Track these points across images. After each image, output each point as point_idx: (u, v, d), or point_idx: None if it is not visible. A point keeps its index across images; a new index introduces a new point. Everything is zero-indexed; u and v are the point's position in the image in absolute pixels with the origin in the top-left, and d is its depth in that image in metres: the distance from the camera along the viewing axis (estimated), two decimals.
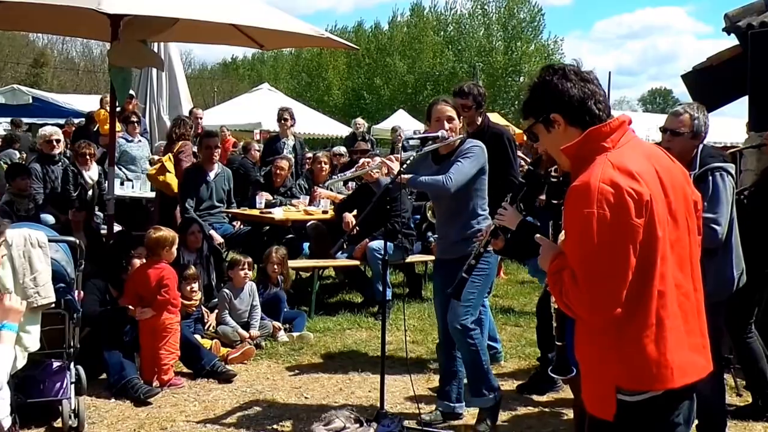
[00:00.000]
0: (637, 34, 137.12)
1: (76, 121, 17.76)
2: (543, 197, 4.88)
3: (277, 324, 7.66)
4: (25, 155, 14.44)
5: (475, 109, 6.49)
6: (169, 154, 10.09)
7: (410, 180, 5.34)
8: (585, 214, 2.61)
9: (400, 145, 5.60)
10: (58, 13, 7.88)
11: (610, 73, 27.57)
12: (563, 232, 3.12)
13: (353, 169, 5.99)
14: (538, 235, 3.14)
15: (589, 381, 2.85)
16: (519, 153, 8.31)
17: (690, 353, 2.75)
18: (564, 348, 3.28)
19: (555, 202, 3.24)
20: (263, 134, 20.33)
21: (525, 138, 8.32)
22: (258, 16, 7.38)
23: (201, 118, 13.16)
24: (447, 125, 5.38)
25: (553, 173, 3.31)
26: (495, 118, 10.06)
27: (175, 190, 9.72)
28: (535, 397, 6.15)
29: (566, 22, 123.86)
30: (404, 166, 5.28)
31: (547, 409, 5.94)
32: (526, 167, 6.58)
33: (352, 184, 10.76)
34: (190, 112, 13.37)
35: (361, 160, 5.72)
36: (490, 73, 54.75)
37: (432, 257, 9.47)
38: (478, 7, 59.93)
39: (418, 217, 9.98)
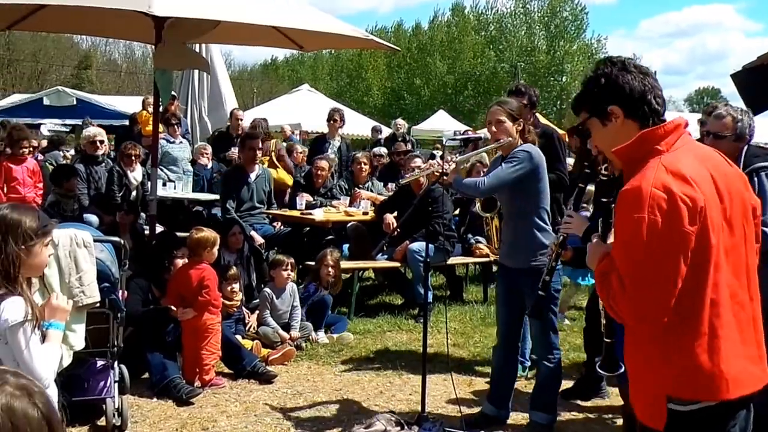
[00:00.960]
0: (684, 33, 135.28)
1: (95, 121, 17.67)
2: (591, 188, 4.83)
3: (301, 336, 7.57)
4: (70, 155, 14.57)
5: (529, 108, 6.47)
6: (264, 157, 11.09)
7: (454, 182, 5.31)
8: (635, 219, 2.55)
9: (444, 143, 5.61)
10: (103, 16, 7.95)
11: (655, 72, 27.34)
12: (613, 231, 3.06)
13: (420, 169, 5.97)
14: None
15: (638, 389, 2.79)
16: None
17: (746, 364, 2.67)
18: (612, 345, 3.22)
19: (604, 200, 3.17)
20: (302, 135, 20.35)
21: (567, 139, 8.25)
22: (299, 17, 7.38)
23: (241, 119, 13.19)
24: (494, 128, 5.31)
25: (603, 171, 3.24)
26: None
27: (289, 183, 11.17)
28: (580, 403, 6.07)
29: (610, 21, 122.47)
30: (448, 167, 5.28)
31: (592, 415, 5.86)
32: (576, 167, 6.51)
33: (391, 185, 10.75)
34: (231, 113, 13.42)
35: (429, 162, 5.72)
36: (532, 73, 54.26)
37: (473, 259, 9.47)
38: (520, 6, 59.47)
39: (458, 218, 9.92)
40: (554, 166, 6.44)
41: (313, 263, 8.46)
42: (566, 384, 6.30)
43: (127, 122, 16.05)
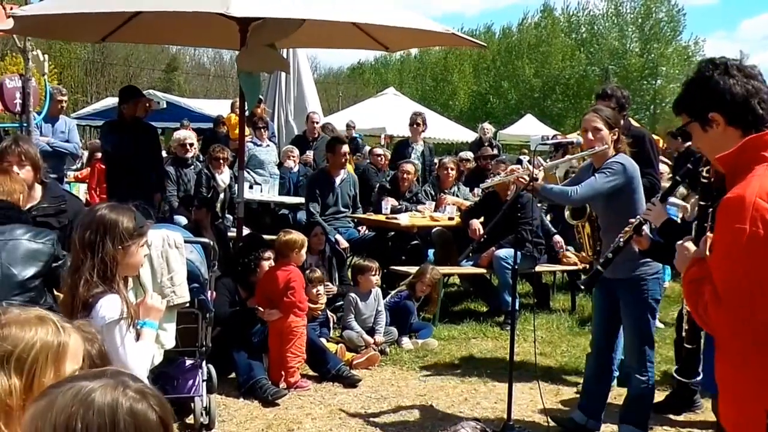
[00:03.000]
0: None
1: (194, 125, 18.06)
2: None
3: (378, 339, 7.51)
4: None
5: (618, 111, 6.29)
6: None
7: (541, 188, 5.21)
8: (736, 230, 2.43)
9: (534, 148, 5.53)
10: (189, 24, 8.11)
11: None
12: (708, 235, 2.95)
13: (502, 174, 5.89)
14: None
15: (733, 406, 2.66)
16: (661, 158, 8.11)
17: None
18: (693, 351, 3.12)
19: (703, 203, 3.06)
20: (386, 138, 20.42)
21: (662, 145, 8.05)
22: (382, 14, 7.29)
23: (317, 123, 13.31)
24: (590, 136, 5.18)
25: (704, 173, 3.13)
26: None
27: None
28: (672, 417, 5.89)
29: (709, 22, 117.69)
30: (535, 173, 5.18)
31: (684, 430, 5.68)
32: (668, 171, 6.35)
33: (477, 190, 10.66)
34: (307, 116, 13.55)
35: (512, 167, 5.63)
36: (624, 76, 52.71)
37: (561, 267, 9.31)
38: (612, 7, 58.23)
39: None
40: (645, 170, 6.25)
41: (399, 268, 8.47)
42: (658, 397, 6.15)
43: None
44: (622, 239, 4.27)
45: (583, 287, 4.49)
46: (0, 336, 2.01)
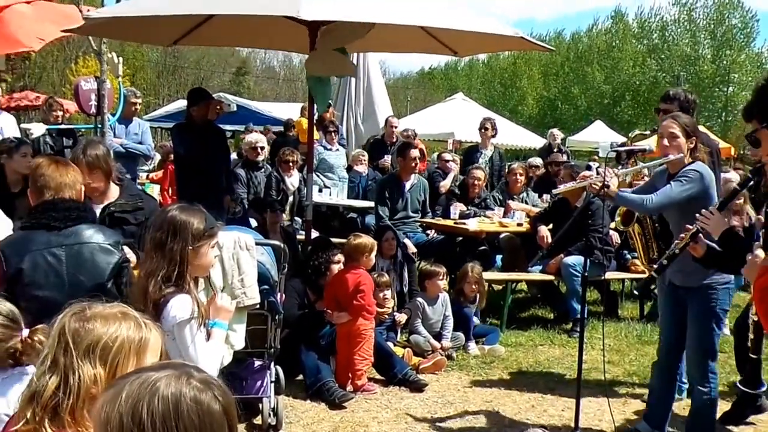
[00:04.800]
0: None
1: (274, 128, 18.41)
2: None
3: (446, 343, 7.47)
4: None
5: None
6: None
7: (616, 195, 5.13)
8: None
9: (606, 155, 5.44)
10: (258, 27, 8.19)
11: None
12: None
13: (576, 180, 5.84)
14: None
15: None
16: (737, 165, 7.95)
17: None
18: (759, 362, 3.05)
19: None
20: (455, 143, 20.33)
21: (732, 152, 7.87)
22: (451, 17, 7.23)
23: (396, 127, 13.33)
24: (666, 142, 5.09)
25: None
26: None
27: None
28: (736, 429, 5.75)
29: None
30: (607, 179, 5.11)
31: None
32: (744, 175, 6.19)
33: (546, 197, 10.57)
34: (386, 121, 13.56)
35: (583, 173, 5.54)
36: (696, 83, 51.67)
37: (630, 275, 9.17)
38: (684, 13, 57.11)
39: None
40: None
41: None
42: (725, 406, 6.01)
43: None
44: (677, 247, 4.19)
45: (637, 293, 4.44)
46: (85, 328, 2.11)
